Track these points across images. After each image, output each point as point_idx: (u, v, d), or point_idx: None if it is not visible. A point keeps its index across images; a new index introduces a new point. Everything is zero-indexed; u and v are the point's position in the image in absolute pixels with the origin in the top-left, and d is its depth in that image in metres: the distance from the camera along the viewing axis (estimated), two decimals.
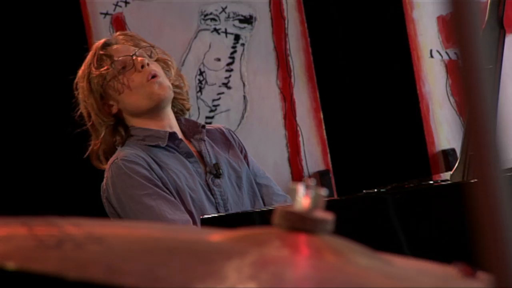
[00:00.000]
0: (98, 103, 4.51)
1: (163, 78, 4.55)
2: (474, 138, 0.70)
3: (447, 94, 6.61)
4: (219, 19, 6.69)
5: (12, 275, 1.28)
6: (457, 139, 6.36)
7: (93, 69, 4.57)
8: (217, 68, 6.70)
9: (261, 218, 2.96)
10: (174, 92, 4.59)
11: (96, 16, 6.42)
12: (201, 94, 6.66)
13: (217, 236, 1.60)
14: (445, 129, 6.63)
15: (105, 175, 4.67)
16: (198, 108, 6.64)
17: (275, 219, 1.56)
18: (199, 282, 1.35)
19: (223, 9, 6.69)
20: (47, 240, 1.34)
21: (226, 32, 6.71)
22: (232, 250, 1.48)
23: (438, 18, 6.51)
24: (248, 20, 6.73)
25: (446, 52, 6.53)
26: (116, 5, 6.47)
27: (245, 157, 4.77)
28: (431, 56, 6.61)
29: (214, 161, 4.62)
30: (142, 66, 4.49)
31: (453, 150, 6.54)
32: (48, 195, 5.74)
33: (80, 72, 4.66)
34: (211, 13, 6.68)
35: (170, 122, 4.66)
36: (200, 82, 6.64)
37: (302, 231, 1.54)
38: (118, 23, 6.49)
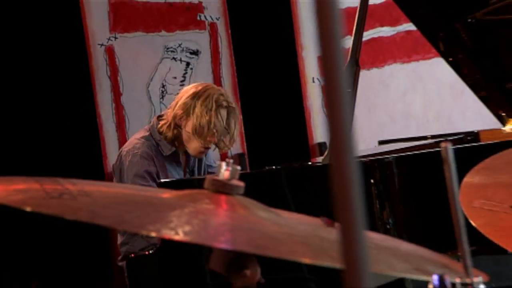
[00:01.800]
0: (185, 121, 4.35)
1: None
2: (334, 135, 0.70)
3: (322, 106, 6.60)
4: (176, 51, 6.64)
5: (28, 214, 1.27)
6: (327, 135, 6.42)
7: (206, 117, 4.26)
8: (174, 83, 6.64)
9: (199, 184, 2.95)
10: None
11: (95, 45, 6.34)
12: (163, 100, 6.61)
13: (167, 194, 1.60)
14: (320, 129, 6.62)
15: (124, 152, 4.49)
16: (161, 110, 6.60)
17: (206, 184, 1.56)
18: (152, 224, 1.35)
19: (179, 45, 6.64)
20: (52, 192, 1.34)
21: (180, 60, 6.66)
22: (176, 204, 1.48)
23: (318, 57, 6.54)
24: (195, 52, 6.69)
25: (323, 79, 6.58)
26: (109, 39, 6.40)
27: None
28: (313, 82, 6.61)
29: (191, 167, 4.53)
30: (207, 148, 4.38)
31: (324, 143, 6.54)
32: (54, 161, 5.66)
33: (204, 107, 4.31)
34: (171, 47, 6.62)
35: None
36: (162, 92, 6.59)
37: (223, 193, 1.55)
38: (110, 52, 6.43)
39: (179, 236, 1.29)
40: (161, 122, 4.44)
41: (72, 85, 6.27)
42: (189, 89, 4.48)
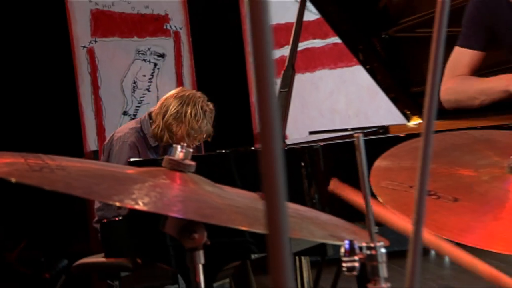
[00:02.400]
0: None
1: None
2: (263, 124, 0.70)
3: None
4: (146, 54, 6.60)
5: (13, 184, 1.25)
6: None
7: (196, 123, 4.23)
8: (143, 80, 6.61)
9: (160, 163, 2.93)
10: None
11: (78, 47, 6.30)
12: (134, 93, 6.57)
13: (131, 170, 1.59)
14: None
15: (116, 137, 4.39)
16: (132, 102, 6.56)
17: (164, 163, 1.55)
18: (116, 195, 1.34)
19: (149, 49, 6.60)
20: (35, 166, 1.33)
21: (149, 61, 6.63)
22: (138, 179, 1.47)
23: None
24: (162, 55, 6.66)
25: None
26: (90, 42, 6.35)
27: None
28: None
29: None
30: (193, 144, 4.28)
31: None
32: (42, 141, 5.61)
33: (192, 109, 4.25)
34: (142, 50, 6.59)
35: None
36: (133, 87, 6.56)
37: (177, 171, 1.54)
38: (90, 53, 6.38)
39: (139, 205, 1.28)
40: (154, 125, 4.35)
41: (58, 79, 6.25)
42: (174, 96, 4.34)
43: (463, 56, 2.92)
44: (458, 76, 2.93)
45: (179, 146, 1.58)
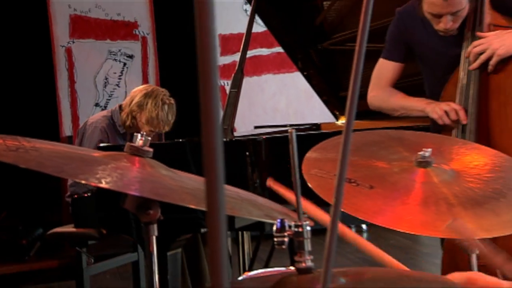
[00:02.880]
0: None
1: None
2: (205, 118, 0.70)
3: None
4: (117, 55, 6.54)
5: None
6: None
7: (155, 112, 4.20)
8: (114, 77, 6.55)
9: (122, 149, 2.91)
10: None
11: (58, 46, 6.22)
12: (105, 88, 6.51)
13: (97, 153, 1.57)
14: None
15: (89, 123, 4.34)
16: (103, 95, 6.49)
17: (125, 149, 1.54)
18: (82, 174, 1.32)
19: (119, 50, 6.54)
20: (11, 146, 1.30)
21: (119, 61, 6.57)
22: (102, 161, 1.45)
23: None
24: (131, 56, 6.61)
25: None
26: (68, 42, 6.27)
27: None
28: None
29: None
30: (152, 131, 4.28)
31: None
32: (23, 127, 5.52)
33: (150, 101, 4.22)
34: (113, 51, 6.52)
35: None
36: (105, 83, 6.50)
37: (137, 156, 1.52)
38: (68, 52, 6.30)
39: (102, 184, 1.27)
40: (123, 113, 4.31)
41: (39, 74, 6.17)
42: (141, 90, 4.31)
43: (386, 67, 2.95)
44: (387, 89, 2.95)
45: (139, 135, 1.57)
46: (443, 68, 2.79)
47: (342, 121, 4.05)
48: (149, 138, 1.59)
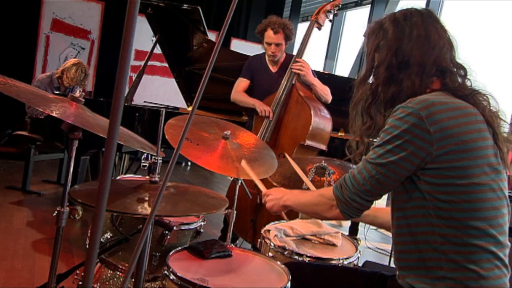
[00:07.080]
0: None
1: None
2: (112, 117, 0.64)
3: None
4: (75, 46, 5.91)
5: None
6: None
7: (75, 74, 3.75)
8: (71, 57, 5.90)
9: (67, 96, 2.63)
10: None
11: (42, 34, 5.50)
12: (64, 62, 5.85)
13: (51, 96, 1.40)
14: None
15: (37, 78, 3.84)
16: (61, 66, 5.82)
17: (68, 97, 1.39)
18: (42, 106, 1.18)
19: (77, 43, 5.91)
20: (1, 81, 1.12)
21: (76, 49, 5.94)
22: (54, 100, 1.30)
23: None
24: (83, 48, 5.96)
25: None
26: (48, 32, 5.56)
27: None
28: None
29: (66, 92, 3.93)
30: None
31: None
32: (8, 71, 4.83)
33: None
34: (74, 43, 5.88)
35: None
36: (64, 59, 5.82)
37: (74, 101, 1.39)
38: (47, 39, 5.62)
39: (53, 113, 1.16)
40: (57, 71, 3.92)
41: (26, 51, 5.39)
42: (72, 61, 3.95)
43: (241, 81, 2.95)
44: (240, 92, 2.91)
45: (78, 90, 1.44)
46: (267, 88, 2.82)
47: (190, 108, 4.01)
48: (84, 93, 1.45)
